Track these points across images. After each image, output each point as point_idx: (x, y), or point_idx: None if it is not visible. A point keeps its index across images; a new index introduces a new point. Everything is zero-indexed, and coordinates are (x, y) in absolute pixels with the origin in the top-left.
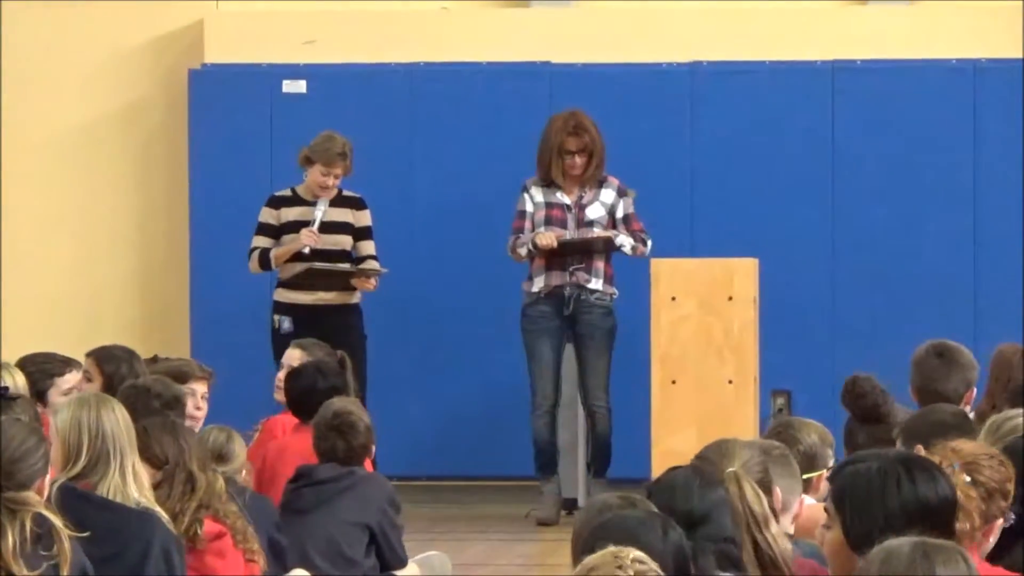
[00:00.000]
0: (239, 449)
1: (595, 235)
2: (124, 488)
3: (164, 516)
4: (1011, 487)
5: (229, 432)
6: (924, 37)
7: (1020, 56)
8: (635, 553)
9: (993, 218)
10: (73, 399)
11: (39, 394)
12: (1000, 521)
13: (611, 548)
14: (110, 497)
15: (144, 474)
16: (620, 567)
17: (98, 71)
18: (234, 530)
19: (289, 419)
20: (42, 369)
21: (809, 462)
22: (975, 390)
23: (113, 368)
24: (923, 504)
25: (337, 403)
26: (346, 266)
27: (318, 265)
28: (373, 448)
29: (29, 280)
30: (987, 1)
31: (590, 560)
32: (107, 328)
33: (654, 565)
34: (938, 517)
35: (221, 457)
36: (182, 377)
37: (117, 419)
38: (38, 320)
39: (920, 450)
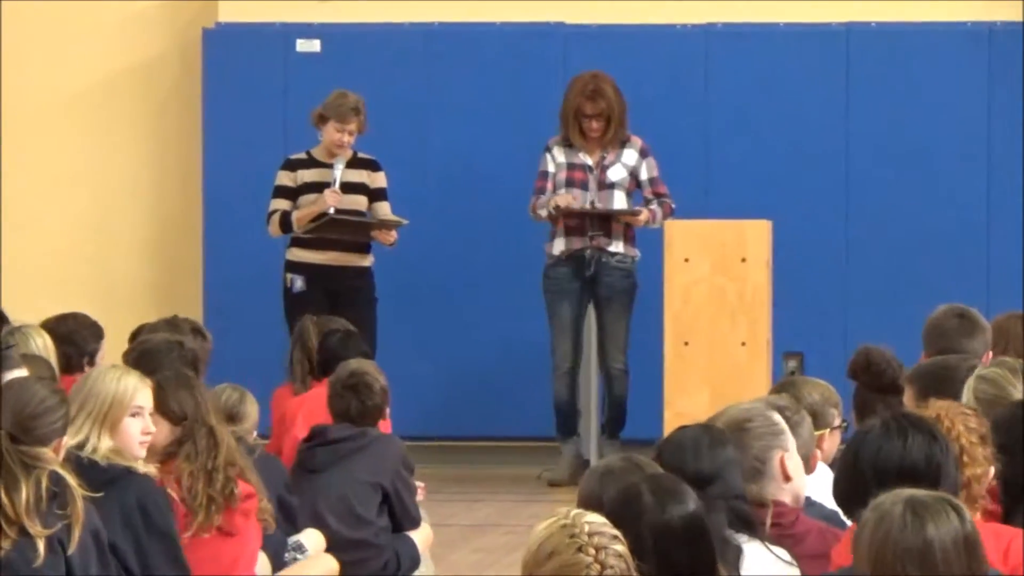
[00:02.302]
0: (251, 409)
1: (623, 209)
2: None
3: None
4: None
5: (242, 392)
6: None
7: None
8: (589, 521)
9: (1007, 182)
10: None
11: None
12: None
13: (560, 517)
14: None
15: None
16: (580, 548)
17: (112, 30)
18: (257, 489)
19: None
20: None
21: (813, 416)
22: (991, 353)
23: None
24: (913, 463)
25: (354, 363)
26: (369, 217)
27: (341, 216)
28: (388, 410)
29: (43, 239)
30: None
31: (544, 539)
32: (121, 288)
33: (611, 530)
34: (929, 475)
35: (233, 417)
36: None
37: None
38: (52, 279)
39: (932, 403)
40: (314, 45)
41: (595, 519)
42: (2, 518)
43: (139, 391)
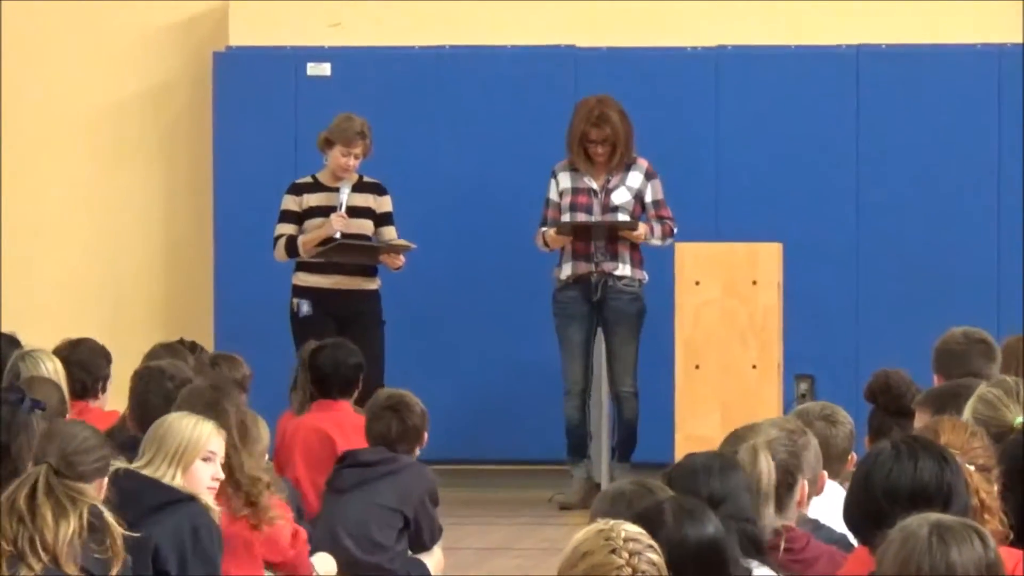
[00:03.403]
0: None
1: (619, 221)
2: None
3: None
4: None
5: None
6: (949, 22)
7: None
8: (627, 528)
9: (1017, 203)
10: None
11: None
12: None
13: (599, 523)
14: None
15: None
16: (613, 551)
17: (123, 53)
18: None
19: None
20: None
21: (852, 438)
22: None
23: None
24: (923, 486)
25: (392, 389)
26: (375, 241)
27: (349, 239)
28: (426, 435)
29: (54, 262)
30: None
31: (580, 542)
32: (131, 311)
33: (648, 539)
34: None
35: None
36: None
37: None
38: (63, 302)
39: (939, 424)
40: (325, 69)
41: (633, 528)
42: (39, 545)
43: (213, 437)
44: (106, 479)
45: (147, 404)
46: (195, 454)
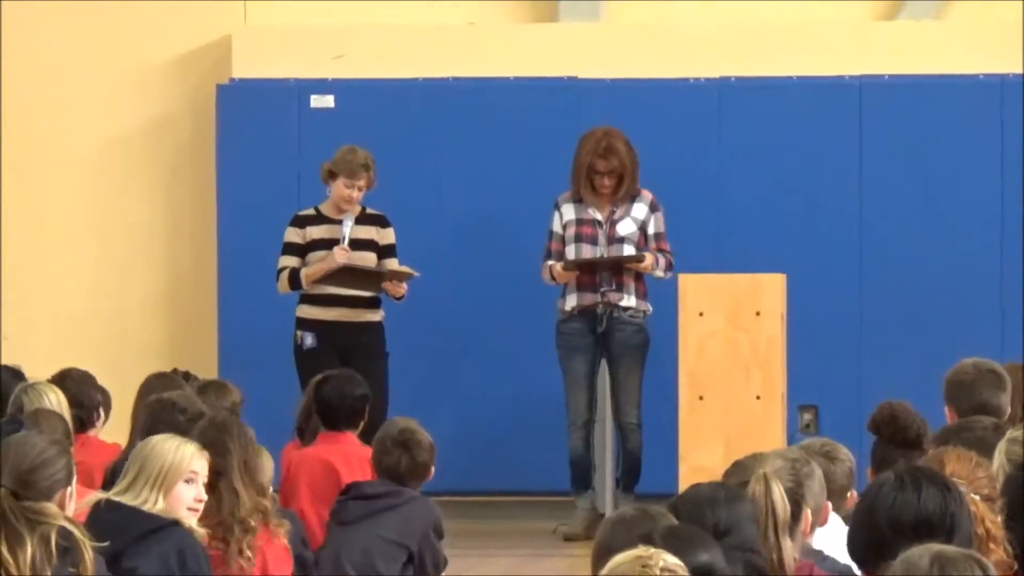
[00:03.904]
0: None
1: (625, 255)
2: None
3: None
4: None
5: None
6: (951, 52)
7: None
8: (665, 558)
9: (1020, 234)
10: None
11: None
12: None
13: (639, 549)
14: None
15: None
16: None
17: (126, 86)
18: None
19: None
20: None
21: (852, 475)
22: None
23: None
24: (927, 516)
25: (402, 421)
26: (381, 266)
27: (353, 264)
28: (433, 469)
29: (57, 295)
30: (1014, 16)
31: (617, 565)
32: (135, 343)
33: (684, 571)
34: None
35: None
36: None
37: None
38: (66, 336)
39: (948, 453)
40: (328, 101)
41: (672, 559)
42: None
43: (195, 458)
44: (72, 487)
45: None
46: (177, 476)
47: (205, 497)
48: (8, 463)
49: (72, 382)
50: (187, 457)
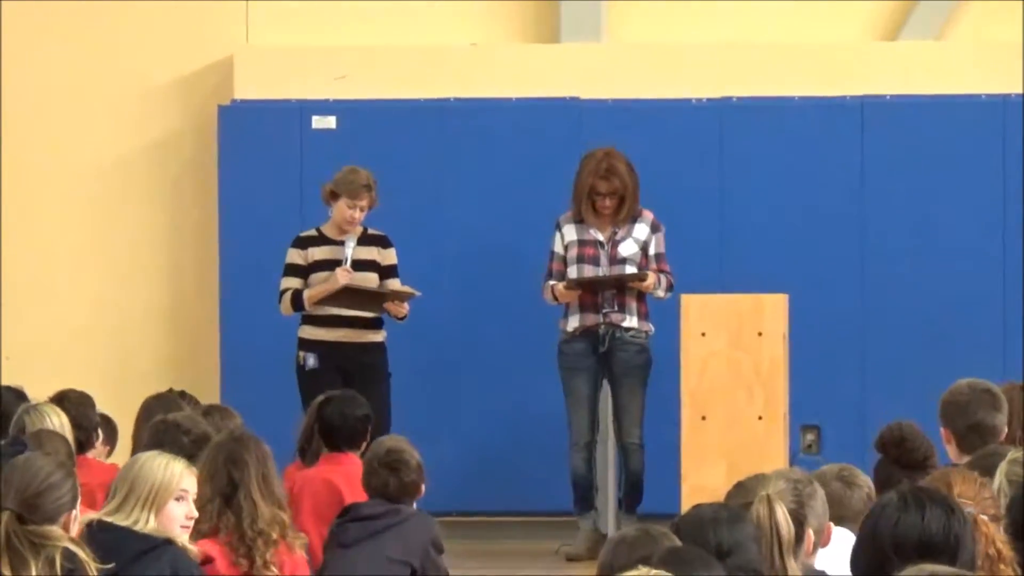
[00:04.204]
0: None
1: (628, 273)
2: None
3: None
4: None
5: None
6: (953, 72)
7: None
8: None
9: (1021, 253)
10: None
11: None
12: None
13: (642, 570)
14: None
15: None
16: None
17: (128, 107)
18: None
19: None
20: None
21: (870, 502)
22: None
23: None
24: (929, 537)
25: (389, 441)
26: (383, 287)
27: (354, 284)
28: (423, 487)
29: (59, 315)
30: (1015, 36)
31: None
32: (137, 364)
33: None
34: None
35: None
36: None
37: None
38: (68, 355)
39: (954, 474)
40: (330, 122)
41: None
42: None
43: (185, 476)
44: (77, 509)
45: None
46: (168, 495)
47: (196, 514)
48: (14, 486)
49: (71, 403)
50: (177, 475)
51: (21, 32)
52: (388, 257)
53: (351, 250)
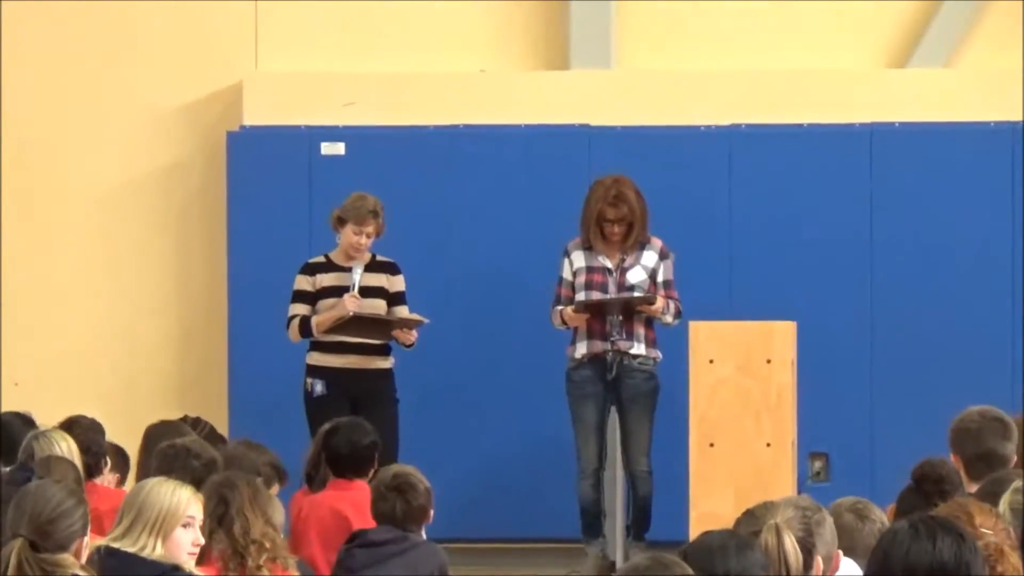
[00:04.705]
0: (276, 511)
1: (636, 296)
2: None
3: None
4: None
5: (267, 494)
6: (962, 100)
7: None
8: None
9: None
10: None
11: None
12: None
13: None
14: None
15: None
16: None
17: (137, 133)
18: None
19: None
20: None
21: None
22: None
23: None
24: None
25: (397, 467)
26: (391, 314)
27: (363, 312)
28: (431, 512)
29: (67, 341)
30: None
31: None
32: (145, 390)
33: None
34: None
35: None
36: None
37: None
38: (77, 381)
39: (972, 505)
40: (339, 148)
41: None
42: None
43: (192, 503)
44: (87, 536)
45: None
46: (175, 522)
47: (203, 541)
48: (27, 512)
49: (81, 429)
50: (184, 501)
51: (30, 58)
52: (397, 284)
53: (359, 276)
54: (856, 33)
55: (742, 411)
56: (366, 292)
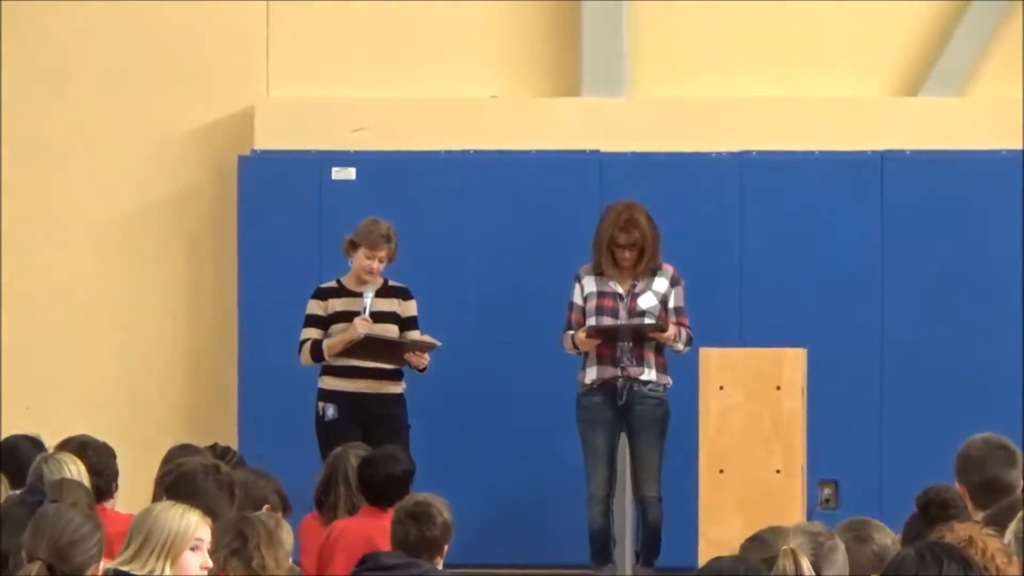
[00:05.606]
0: (287, 536)
1: (647, 323)
2: None
3: None
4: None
5: (278, 519)
6: (973, 128)
7: None
8: None
9: None
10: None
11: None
12: None
13: None
14: None
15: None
16: None
17: (148, 157)
18: None
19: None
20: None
21: (878, 561)
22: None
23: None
24: None
25: (422, 495)
26: (403, 337)
27: (374, 334)
28: (446, 546)
29: (77, 366)
30: None
31: None
32: (155, 415)
33: None
34: None
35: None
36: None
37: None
38: (86, 406)
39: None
40: (349, 173)
41: None
42: None
43: (200, 526)
44: (101, 561)
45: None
46: (184, 545)
47: (211, 564)
48: (45, 536)
49: (92, 451)
50: (192, 524)
51: (41, 82)
52: (408, 309)
53: (370, 300)
54: (868, 61)
55: (752, 437)
56: (378, 317)
